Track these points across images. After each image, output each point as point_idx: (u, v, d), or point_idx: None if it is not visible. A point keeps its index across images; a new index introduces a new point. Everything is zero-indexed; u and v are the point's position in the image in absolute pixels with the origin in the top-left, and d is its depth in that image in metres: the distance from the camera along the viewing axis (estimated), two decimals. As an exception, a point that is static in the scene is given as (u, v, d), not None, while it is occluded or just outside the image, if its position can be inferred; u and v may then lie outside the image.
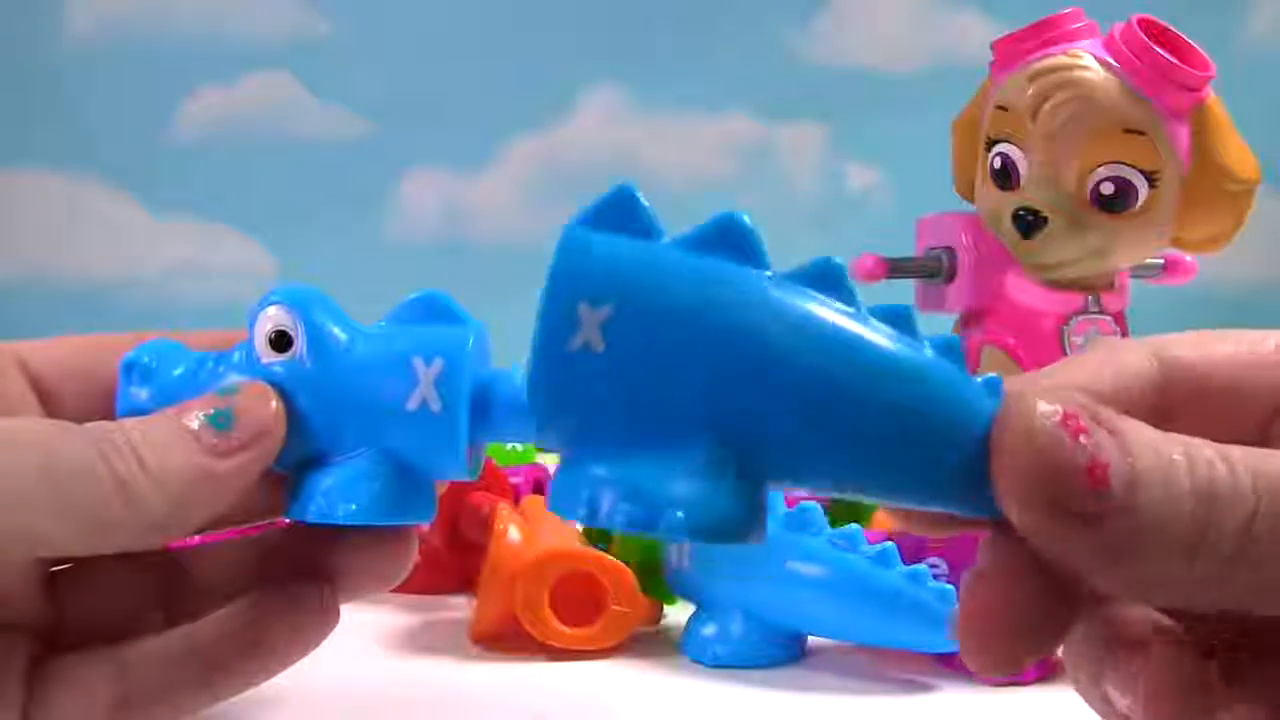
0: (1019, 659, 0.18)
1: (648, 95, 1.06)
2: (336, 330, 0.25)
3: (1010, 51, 0.43)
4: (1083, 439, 0.17)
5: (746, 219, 0.19)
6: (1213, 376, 0.20)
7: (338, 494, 0.24)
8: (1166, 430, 0.18)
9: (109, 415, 0.25)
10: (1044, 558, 0.18)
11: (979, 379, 0.19)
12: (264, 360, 0.25)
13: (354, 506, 0.24)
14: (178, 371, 0.25)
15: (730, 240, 0.19)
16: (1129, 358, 0.20)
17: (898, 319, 0.19)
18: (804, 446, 0.18)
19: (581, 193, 0.19)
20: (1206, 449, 0.17)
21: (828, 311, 0.18)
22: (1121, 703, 0.20)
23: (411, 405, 0.24)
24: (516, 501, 0.43)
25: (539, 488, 0.46)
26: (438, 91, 1.05)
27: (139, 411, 0.24)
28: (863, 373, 0.18)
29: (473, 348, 0.24)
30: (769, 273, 0.19)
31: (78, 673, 0.24)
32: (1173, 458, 0.17)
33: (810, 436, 0.18)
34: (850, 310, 0.19)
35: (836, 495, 0.19)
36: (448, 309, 0.25)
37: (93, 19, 1.07)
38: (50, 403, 0.26)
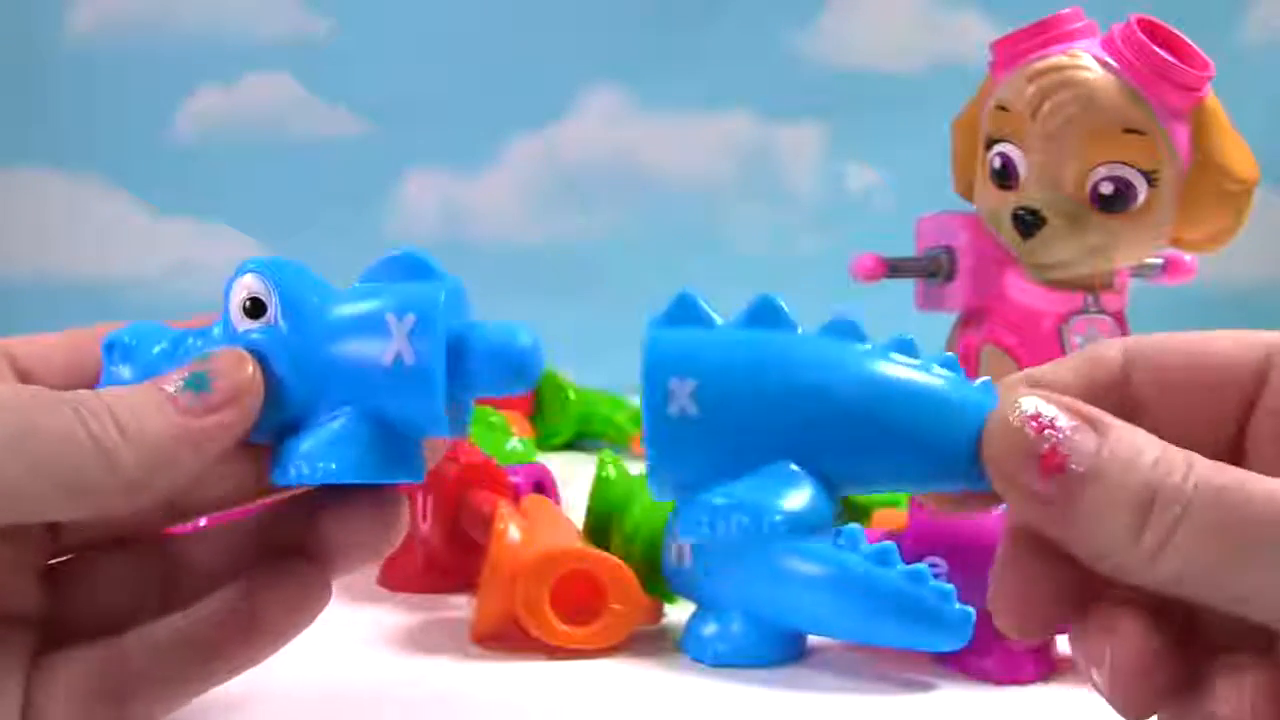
0: (1044, 627, 0.22)
1: (648, 95, 1.06)
2: (310, 293, 0.25)
3: (1010, 51, 0.43)
4: (1047, 433, 0.21)
5: (778, 299, 0.25)
6: (1170, 364, 0.23)
7: (316, 454, 0.24)
8: (1136, 409, 0.22)
9: None
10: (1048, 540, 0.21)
11: (976, 383, 0.24)
12: (240, 329, 0.25)
13: (333, 465, 0.24)
14: (158, 349, 0.26)
15: (767, 315, 0.25)
16: (1103, 351, 0.23)
17: (904, 348, 0.24)
18: (858, 460, 0.24)
19: (581, 193, 0.20)
20: (1178, 455, 0.20)
21: (853, 354, 0.24)
22: (1095, 677, 0.21)
23: (386, 360, 0.24)
24: (517, 501, 0.43)
25: (539, 487, 0.46)
26: (438, 91, 1.05)
27: None
28: (892, 398, 0.23)
29: (445, 300, 0.24)
30: (801, 331, 0.25)
31: (77, 662, 0.24)
32: (1140, 457, 0.20)
33: (861, 453, 0.23)
34: (869, 349, 0.24)
35: (886, 490, 0.25)
36: (424, 266, 0.25)
37: (93, 19, 1.07)
38: None
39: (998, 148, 0.42)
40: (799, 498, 0.24)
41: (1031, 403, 0.21)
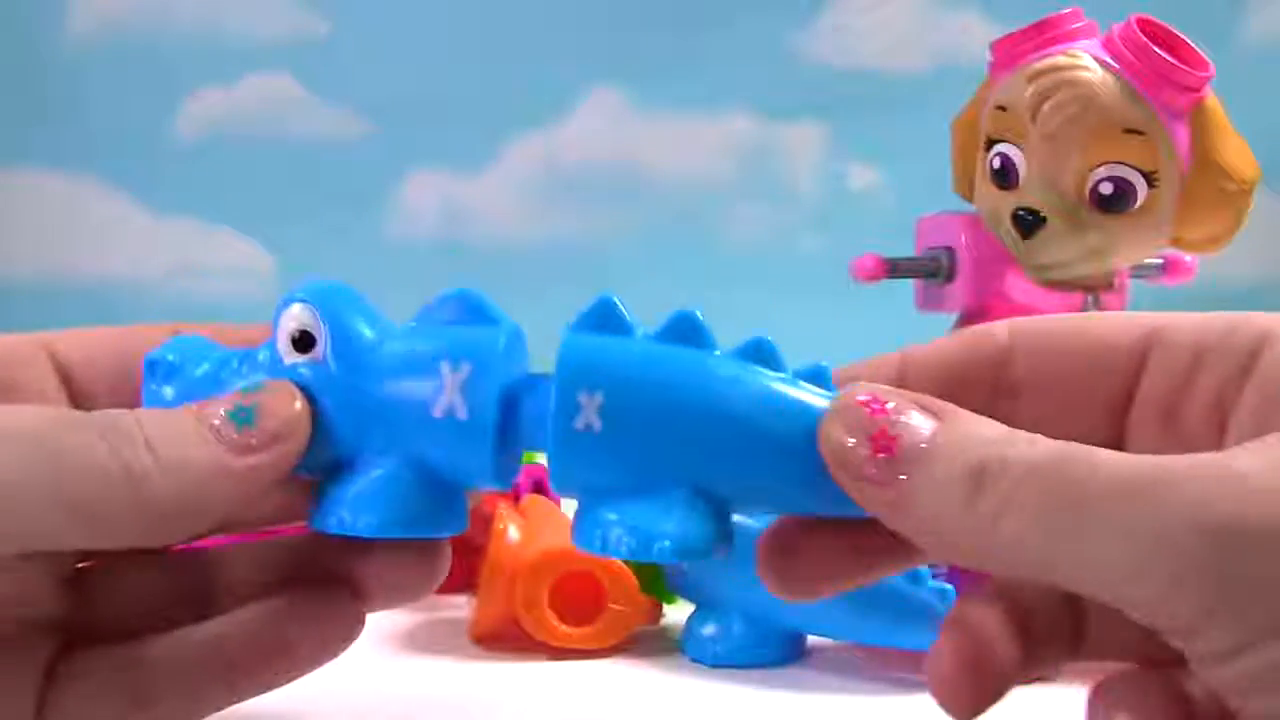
0: (806, 592, 0.23)
1: (648, 95, 1.06)
2: (363, 330, 0.24)
3: (1010, 51, 0.43)
4: (878, 418, 0.20)
5: (698, 314, 0.24)
6: (1051, 346, 0.22)
7: (360, 505, 0.23)
8: (1014, 389, 0.22)
9: (138, 407, 0.24)
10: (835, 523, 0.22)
11: None
12: (287, 361, 0.24)
13: (376, 519, 0.23)
14: (202, 370, 0.25)
15: (686, 331, 0.24)
16: (989, 331, 0.23)
17: (817, 378, 0.23)
18: (755, 485, 0.23)
19: (581, 193, 0.20)
20: (1020, 433, 0.20)
21: (762, 380, 0.23)
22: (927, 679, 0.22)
23: (437, 412, 0.23)
24: (517, 501, 0.43)
25: (539, 487, 0.46)
26: (438, 91, 1.05)
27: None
28: (793, 426, 0.22)
29: (503, 350, 0.23)
30: (717, 353, 0.24)
31: (99, 668, 0.24)
32: (975, 436, 0.20)
33: (760, 478, 0.23)
34: (781, 375, 0.23)
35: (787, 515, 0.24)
36: (482, 307, 0.24)
37: (93, 19, 1.07)
38: (79, 394, 0.26)
39: (997, 148, 0.42)
40: (689, 521, 0.23)
41: (867, 386, 0.21)
